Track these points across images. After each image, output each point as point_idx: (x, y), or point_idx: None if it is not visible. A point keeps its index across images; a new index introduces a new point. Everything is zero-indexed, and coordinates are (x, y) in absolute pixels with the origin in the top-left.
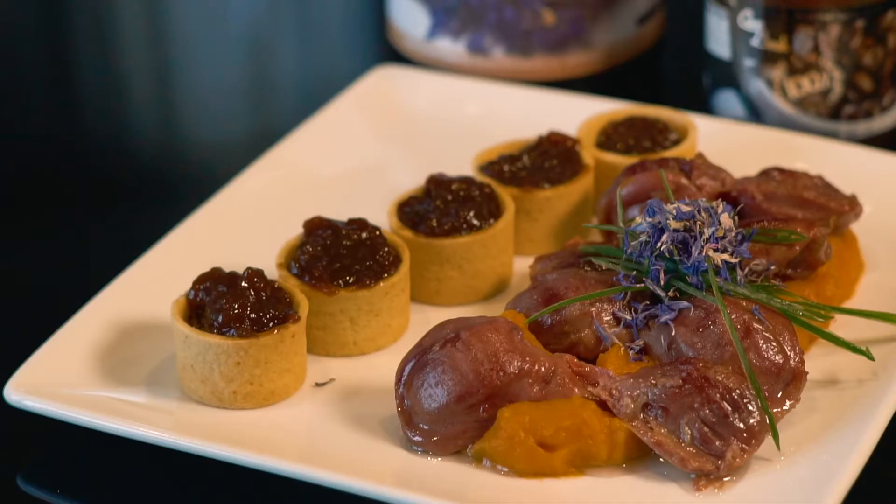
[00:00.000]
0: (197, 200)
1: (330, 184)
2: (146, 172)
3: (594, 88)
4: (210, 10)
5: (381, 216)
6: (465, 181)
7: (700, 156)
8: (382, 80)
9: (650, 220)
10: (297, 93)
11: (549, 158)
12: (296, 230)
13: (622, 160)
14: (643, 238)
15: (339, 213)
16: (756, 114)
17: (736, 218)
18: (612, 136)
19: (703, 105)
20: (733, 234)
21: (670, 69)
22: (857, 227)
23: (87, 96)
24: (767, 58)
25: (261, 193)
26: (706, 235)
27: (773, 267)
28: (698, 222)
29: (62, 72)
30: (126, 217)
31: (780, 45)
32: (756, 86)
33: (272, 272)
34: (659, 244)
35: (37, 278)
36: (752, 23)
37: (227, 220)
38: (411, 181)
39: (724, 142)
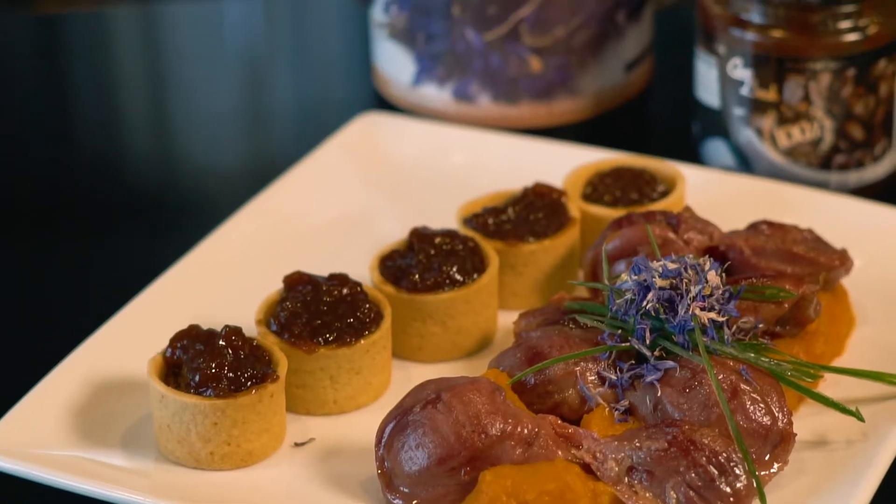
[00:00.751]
0: (179, 249)
1: (313, 233)
2: (128, 215)
3: (582, 135)
4: (198, 51)
5: (365, 267)
6: (449, 235)
7: (687, 209)
8: (367, 128)
9: (636, 277)
10: (281, 138)
11: (535, 211)
12: (277, 282)
13: (609, 213)
14: (629, 296)
15: (322, 264)
16: (746, 163)
17: (723, 275)
18: (599, 187)
19: (693, 153)
20: (721, 291)
21: (659, 116)
22: (847, 281)
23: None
24: (757, 107)
25: (242, 244)
26: (693, 294)
27: (761, 325)
28: (685, 280)
29: (56, 106)
30: (103, 262)
31: (769, 94)
32: (745, 135)
33: (252, 327)
34: (645, 302)
35: (13, 331)
36: (741, 71)
37: (208, 272)
38: (396, 230)
39: (713, 192)
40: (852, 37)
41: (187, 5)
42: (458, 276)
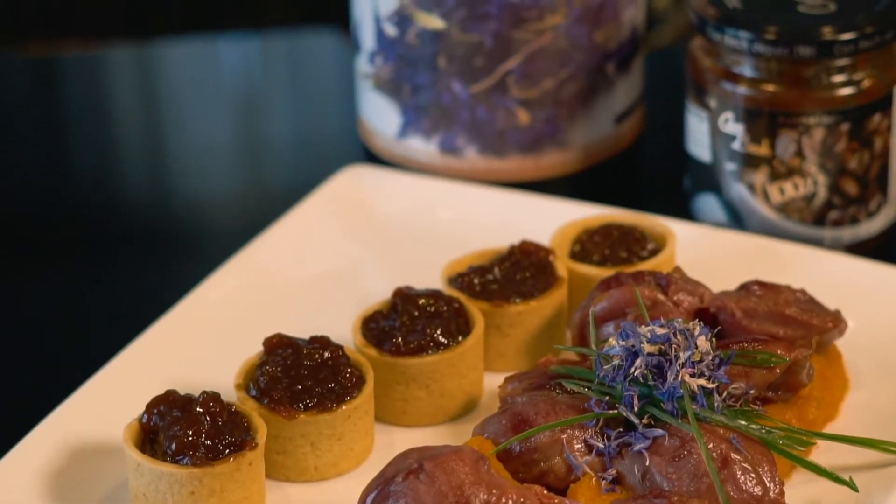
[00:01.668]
0: (158, 304)
1: (297, 290)
2: (111, 262)
3: (570, 188)
4: (184, 98)
5: (348, 326)
6: (433, 295)
7: (678, 270)
8: (352, 181)
9: (623, 343)
10: (265, 191)
11: (521, 270)
12: (258, 343)
13: (597, 272)
14: (616, 362)
15: (305, 322)
16: (738, 218)
17: (713, 340)
18: (587, 245)
19: (683, 208)
20: (710, 357)
21: (649, 170)
22: (841, 343)
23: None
24: (749, 161)
25: (224, 302)
26: (682, 360)
27: (752, 391)
28: (674, 346)
29: (49, 150)
30: (80, 310)
31: (762, 149)
32: (737, 190)
33: (231, 390)
34: (633, 369)
35: None
36: (732, 125)
37: (188, 331)
38: (381, 286)
39: (705, 248)
40: (846, 91)
41: (169, 48)
42: (442, 339)
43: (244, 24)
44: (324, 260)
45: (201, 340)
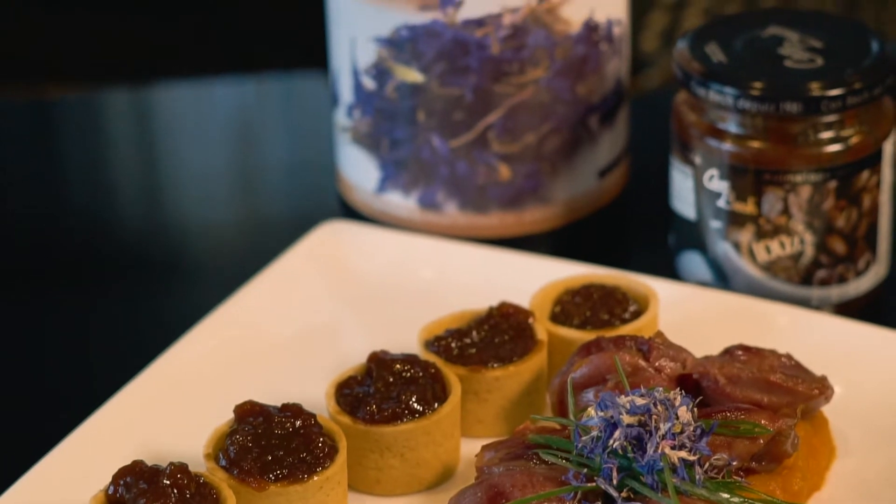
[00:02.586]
0: (126, 374)
1: (272, 350)
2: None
3: (553, 244)
4: (163, 143)
5: (323, 389)
6: (409, 360)
7: (659, 334)
8: (330, 237)
9: (602, 413)
10: (242, 246)
11: (500, 333)
12: (230, 408)
13: (578, 335)
14: (595, 433)
15: (279, 384)
16: (723, 277)
17: (695, 410)
18: (568, 306)
19: (668, 265)
20: (692, 428)
21: (633, 224)
22: (828, 409)
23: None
24: (734, 219)
25: (197, 363)
26: (662, 431)
27: (735, 462)
28: (654, 416)
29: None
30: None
31: (747, 207)
32: (723, 248)
33: (201, 458)
34: (611, 440)
35: None
36: (717, 183)
37: (159, 395)
38: (358, 346)
39: (689, 309)
40: (834, 147)
41: (157, 92)
42: (417, 406)
43: (241, 67)
44: (300, 318)
45: (173, 404)
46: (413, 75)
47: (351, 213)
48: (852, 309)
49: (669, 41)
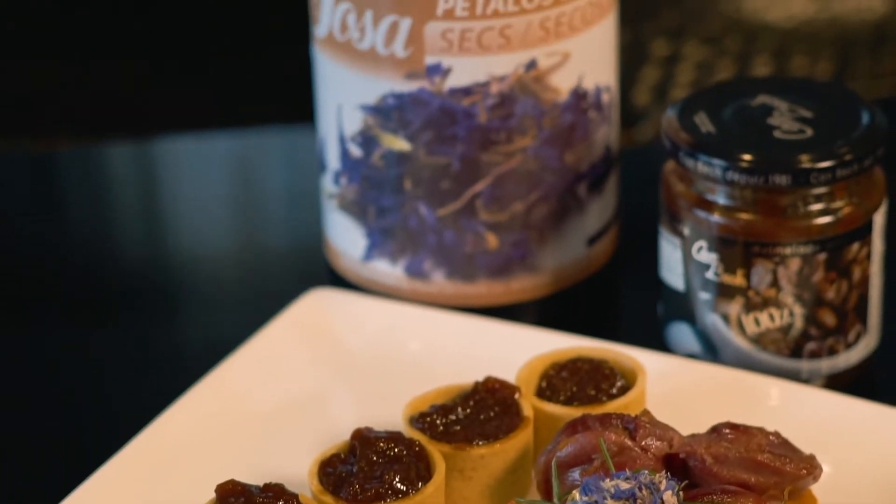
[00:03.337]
0: (104, 453)
1: (256, 423)
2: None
3: (541, 313)
4: (155, 202)
5: (308, 463)
6: (393, 438)
7: (646, 413)
8: (316, 306)
9: (586, 498)
10: (228, 313)
11: (486, 409)
12: (211, 485)
13: (564, 412)
14: None
15: (263, 459)
16: (712, 349)
17: (681, 494)
18: (555, 381)
19: (657, 335)
20: None
21: (623, 293)
22: (817, 488)
23: None
24: (723, 291)
25: (181, 436)
26: None
27: None
28: (639, 500)
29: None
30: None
31: (736, 279)
32: (712, 320)
33: None
34: None
35: None
36: (706, 254)
37: (142, 471)
38: (343, 420)
39: (677, 382)
40: (823, 219)
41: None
42: (401, 486)
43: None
44: (286, 390)
45: (153, 482)
46: (400, 143)
47: (338, 279)
48: (843, 381)
49: (663, 95)
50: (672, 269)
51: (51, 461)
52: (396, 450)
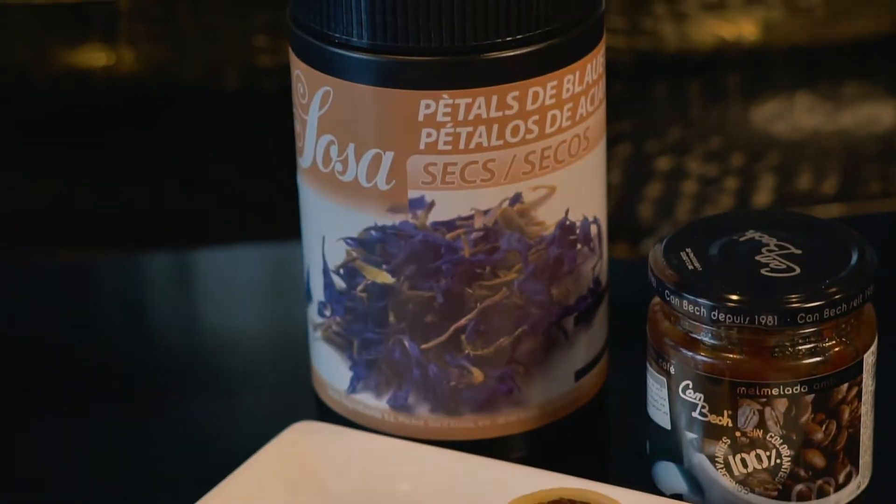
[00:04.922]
0: None
1: None
2: None
3: (527, 447)
4: (144, 319)
5: None
6: None
7: None
8: (299, 440)
9: None
10: (211, 445)
11: None
12: None
13: None
14: None
15: None
16: (698, 489)
17: None
18: None
19: (645, 472)
20: None
21: (610, 428)
22: None
23: None
24: (710, 432)
25: None
26: None
27: None
28: None
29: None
30: None
31: (723, 419)
32: (698, 460)
33: None
34: None
35: None
36: (692, 393)
37: None
38: None
39: None
40: (811, 360)
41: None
42: None
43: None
44: None
45: None
46: (383, 276)
47: (325, 409)
48: None
49: (669, 209)
50: (658, 406)
51: None
52: None
